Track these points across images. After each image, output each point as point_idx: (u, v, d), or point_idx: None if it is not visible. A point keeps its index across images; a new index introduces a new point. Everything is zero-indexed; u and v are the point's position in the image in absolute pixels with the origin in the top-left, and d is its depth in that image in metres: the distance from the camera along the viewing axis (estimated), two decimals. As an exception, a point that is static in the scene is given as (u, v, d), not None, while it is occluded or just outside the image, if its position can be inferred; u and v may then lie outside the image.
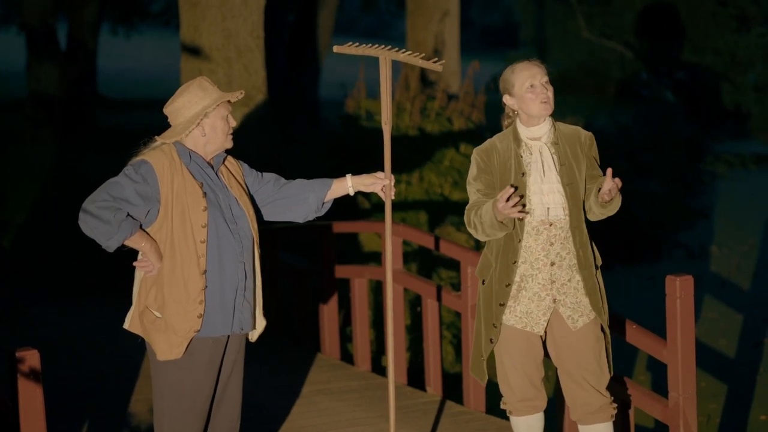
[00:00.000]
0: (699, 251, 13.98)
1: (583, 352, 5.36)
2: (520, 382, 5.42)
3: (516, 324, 5.36)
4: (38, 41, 18.38)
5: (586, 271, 5.33)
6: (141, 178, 5.01)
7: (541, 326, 5.36)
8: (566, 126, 5.45)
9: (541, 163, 5.32)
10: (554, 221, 5.30)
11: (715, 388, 9.35)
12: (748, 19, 24.16)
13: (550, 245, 5.30)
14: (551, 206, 5.29)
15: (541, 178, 5.31)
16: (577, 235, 5.31)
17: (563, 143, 5.35)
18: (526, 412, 5.49)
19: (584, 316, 5.35)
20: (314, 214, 5.45)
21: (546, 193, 5.30)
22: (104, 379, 8.20)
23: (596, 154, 5.42)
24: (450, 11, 16.15)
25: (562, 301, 5.34)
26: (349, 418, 7.13)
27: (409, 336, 9.84)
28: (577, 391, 5.41)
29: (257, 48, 10.74)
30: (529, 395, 5.45)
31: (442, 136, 12.33)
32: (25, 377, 5.08)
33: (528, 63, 5.39)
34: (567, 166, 5.31)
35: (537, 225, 5.31)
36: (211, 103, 5.11)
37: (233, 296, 5.12)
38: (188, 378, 5.10)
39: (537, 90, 5.32)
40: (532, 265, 5.33)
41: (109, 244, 4.99)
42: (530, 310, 5.35)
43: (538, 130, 5.36)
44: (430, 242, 7.63)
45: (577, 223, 5.31)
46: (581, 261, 5.32)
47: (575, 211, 5.31)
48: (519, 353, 5.39)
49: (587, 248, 5.35)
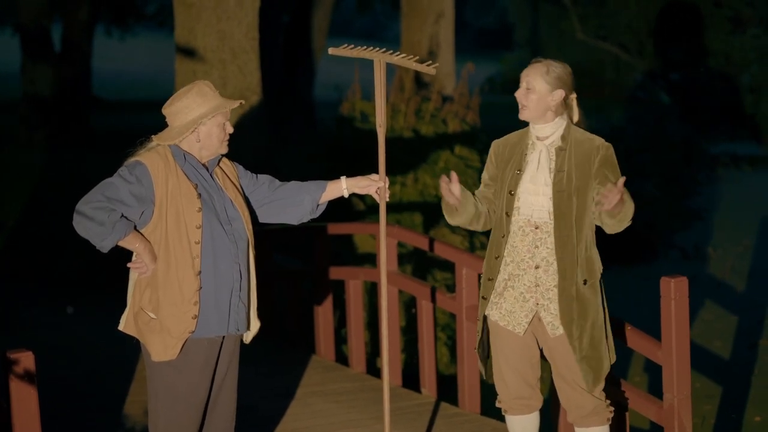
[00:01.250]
0: (694, 252, 14.00)
1: (563, 360, 5.35)
2: (514, 380, 5.42)
3: (499, 321, 5.38)
4: (33, 42, 18.37)
5: (565, 282, 5.27)
6: (135, 179, 5.00)
7: (522, 327, 5.35)
8: (583, 133, 5.34)
9: (537, 164, 5.31)
10: (540, 224, 5.28)
11: (710, 389, 9.36)
12: (743, 21, 24.20)
13: (536, 248, 5.29)
14: (536, 208, 5.28)
15: (533, 178, 5.30)
16: (561, 246, 5.24)
17: (571, 150, 5.28)
18: (520, 411, 5.49)
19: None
20: (309, 216, 5.45)
21: (533, 193, 5.29)
22: (99, 381, 8.19)
23: (612, 165, 5.27)
24: (445, 13, 16.15)
25: (545, 306, 5.32)
26: (344, 420, 7.13)
27: (404, 337, 9.83)
28: (570, 393, 5.41)
29: (252, 49, 10.73)
30: (524, 394, 5.45)
31: (437, 138, 12.33)
32: (18, 379, 5.07)
33: (530, 64, 5.39)
34: (565, 174, 5.25)
35: (523, 225, 5.30)
36: (208, 112, 5.10)
37: (228, 297, 5.12)
38: (183, 379, 5.10)
39: (519, 93, 5.34)
40: (519, 265, 5.33)
41: (103, 245, 4.99)
42: (514, 309, 5.36)
43: (542, 130, 5.34)
44: (425, 244, 7.63)
45: (566, 231, 5.24)
46: (561, 272, 5.28)
47: (564, 221, 5.24)
48: (512, 352, 5.40)
49: (572, 259, 5.25)
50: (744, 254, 13.53)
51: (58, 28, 20.06)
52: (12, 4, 21.12)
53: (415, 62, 5.57)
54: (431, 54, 15.73)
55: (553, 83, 5.30)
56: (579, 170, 5.27)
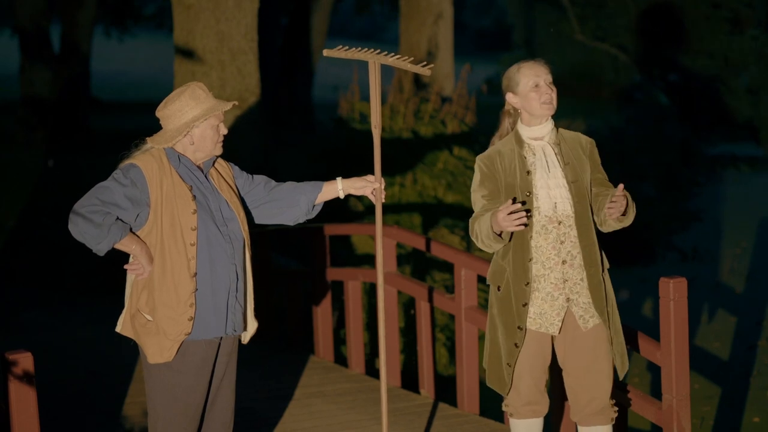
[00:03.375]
0: (692, 254, 14.00)
1: (592, 352, 5.35)
2: (527, 385, 5.39)
3: (530, 326, 5.33)
4: (31, 44, 18.38)
5: (592, 269, 5.31)
6: (130, 181, 5.00)
7: (555, 326, 5.33)
8: (566, 131, 5.45)
9: (545, 160, 5.32)
10: (562, 219, 5.28)
11: (709, 390, 9.36)
12: (742, 22, 24.19)
13: (561, 243, 5.28)
14: (558, 201, 5.28)
15: (546, 174, 5.30)
16: (584, 233, 5.29)
17: (565, 145, 5.36)
18: (528, 416, 5.47)
19: (595, 317, 5.34)
20: (305, 217, 5.44)
21: (552, 188, 5.29)
22: (98, 382, 8.19)
23: (598, 159, 5.42)
24: (443, 14, 16.16)
25: (574, 300, 5.32)
26: (343, 421, 7.13)
27: (403, 338, 9.84)
28: (581, 392, 5.40)
29: (251, 51, 10.74)
30: (534, 399, 5.42)
31: (436, 139, 12.34)
32: (17, 380, 5.07)
33: (534, 62, 5.38)
34: (571, 166, 5.32)
35: (545, 223, 5.28)
36: (201, 115, 5.10)
37: (225, 298, 5.12)
38: (180, 380, 5.10)
39: (541, 90, 5.31)
40: (544, 264, 5.30)
41: (99, 248, 4.99)
42: (543, 310, 5.32)
43: (540, 130, 5.35)
44: (424, 244, 7.63)
45: (584, 221, 5.30)
46: (587, 259, 5.30)
47: (581, 209, 5.30)
48: (530, 356, 5.36)
49: (595, 247, 5.32)
50: (743, 255, 13.54)
51: (57, 30, 20.07)
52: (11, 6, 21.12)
53: (410, 63, 5.57)
54: (430, 55, 15.74)
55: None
56: (578, 161, 5.35)
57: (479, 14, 49.71)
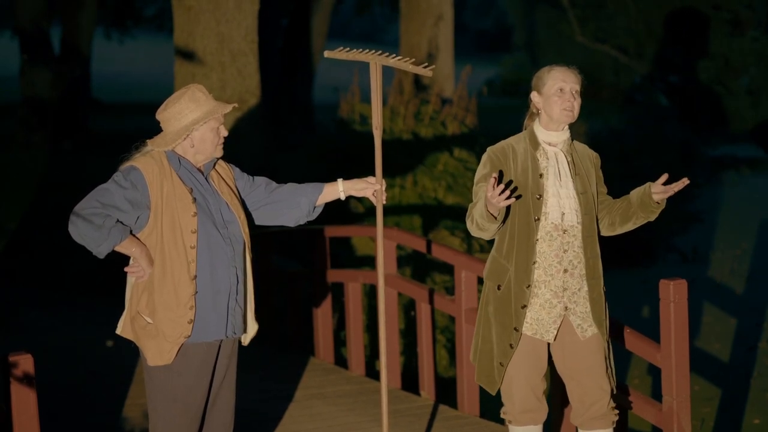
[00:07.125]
0: (693, 255, 14.00)
1: (592, 357, 5.35)
2: (523, 392, 5.38)
3: (526, 331, 5.33)
4: (32, 45, 18.36)
5: (593, 281, 5.33)
6: (130, 184, 5.00)
7: (551, 334, 5.33)
8: (577, 142, 5.48)
9: (557, 168, 5.32)
10: (568, 228, 5.29)
11: (709, 392, 9.36)
12: (742, 23, 24.21)
13: (564, 252, 5.29)
14: (566, 211, 5.28)
15: (558, 181, 5.30)
16: (589, 244, 5.31)
17: (576, 156, 5.39)
18: (526, 423, 5.46)
19: (593, 326, 5.35)
20: (306, 218, 5.44)
21: (563, 197, 5.29)
22: (99, 383, 8.19)
23: (602, 175, 5.48)
24: (444, 15, 16.15)
25: (572, 309, 5.33)
26: (343, 423, 7.13)
27: (403, 340, 9.84)
28: (583, 396, 5.40)
29: (251, 52, 10.74)
30: (531, 407, 5.41)
31: (436, 140, 12.34)
32: (18, 381, 5.07)
33: (567, 68, 5.38)
34: (581, 177, 5.34)
35: (551, 230, 5.28)
36: (201, 117, 5.09)
37: (225, 300, 5.12)
38: (180, 382, 5.10)
39: (565, 95, 5.30)
40: (546, 270, 5.30)
41: (99, 250, 4.98)
42: (541, 317, 5.32)
43: (557, 137, 5.35)
44: (424, 246, 7.63)
45: (590, 233, 5.32)
46: (589, 271, 5.32)
47: (588, 221, 5.32)
48: (525, 363, 5.36)
49: (598, 260, 5.36)
50: (743, 257, 13.54)
51: (57, 31, 20.06)
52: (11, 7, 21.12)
53: (411, 64, 5.57)
54: (430, 56, 15.74)
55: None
56: (587, 173, 5.39)
57: (480, 15, 49.73)
